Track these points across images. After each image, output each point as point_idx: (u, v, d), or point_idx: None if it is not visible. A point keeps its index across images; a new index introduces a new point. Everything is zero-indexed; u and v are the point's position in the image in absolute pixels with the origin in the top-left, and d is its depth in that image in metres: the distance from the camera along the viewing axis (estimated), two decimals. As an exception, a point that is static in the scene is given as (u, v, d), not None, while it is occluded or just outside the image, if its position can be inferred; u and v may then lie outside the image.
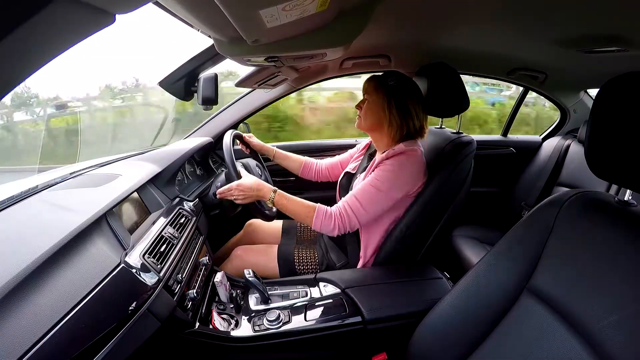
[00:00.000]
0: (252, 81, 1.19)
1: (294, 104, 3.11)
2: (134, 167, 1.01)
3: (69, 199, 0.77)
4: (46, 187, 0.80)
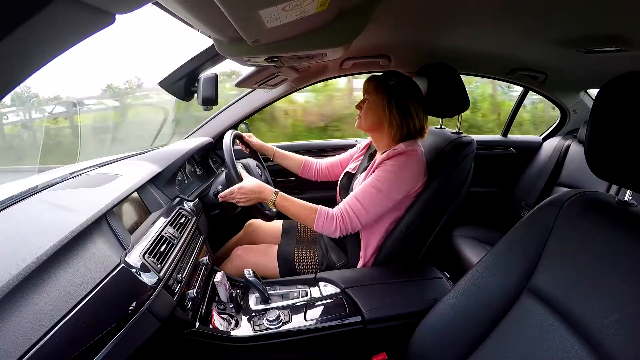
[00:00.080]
0: (252, 81, 1.19)
1: (349, 105, 3.12)
2: (134, 167, 1.01)
3: (69, 199, 0.77)
4: (46, 187, 0.80)
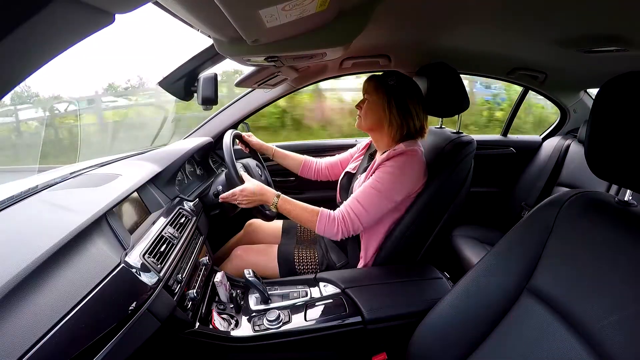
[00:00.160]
0: (252, 81, 1.19)
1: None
2: (134, 167, 1.01)
3: (69, 199, 0.77)
4: (46, 187, 0.80)
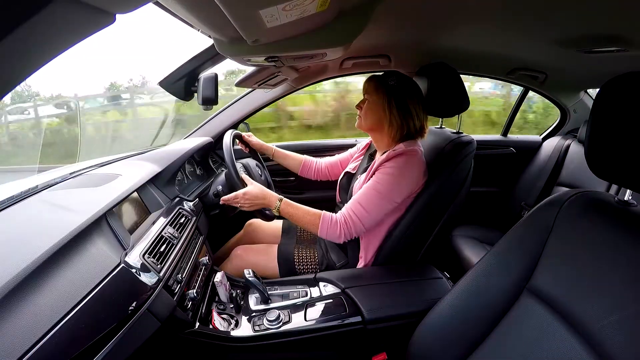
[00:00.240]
0: (252, 81, 1.19)
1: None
2: (134, 167, 1.01)
3: (69, 199, 0.77)
4: (46, 187, 0.80)
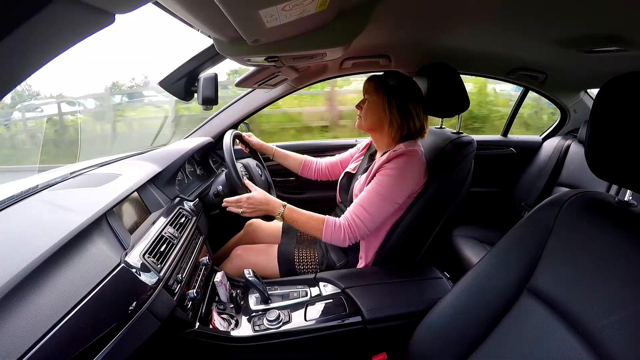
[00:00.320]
0: (252, 81, 1.18)
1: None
2: (134, 167, 1.01)
3: (69, 198, 0.77)
4: (46, 187, 0.80)
